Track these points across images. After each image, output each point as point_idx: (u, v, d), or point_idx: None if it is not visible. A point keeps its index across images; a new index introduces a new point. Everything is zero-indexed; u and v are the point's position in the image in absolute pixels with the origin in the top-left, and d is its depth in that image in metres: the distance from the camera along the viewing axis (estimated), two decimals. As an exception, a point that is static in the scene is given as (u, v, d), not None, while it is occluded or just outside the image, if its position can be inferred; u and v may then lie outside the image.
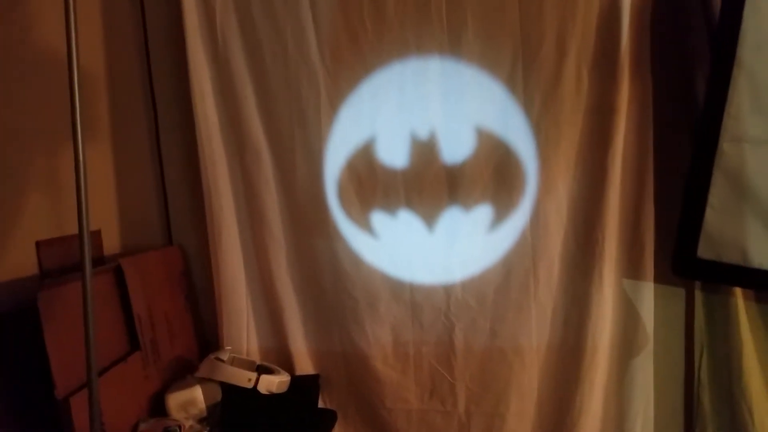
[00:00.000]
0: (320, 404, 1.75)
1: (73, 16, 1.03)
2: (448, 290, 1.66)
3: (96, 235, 1.60)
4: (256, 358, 1.73)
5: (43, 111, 1.43)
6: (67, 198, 1.08)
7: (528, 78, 1.57)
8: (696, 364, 1.60)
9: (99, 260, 1.59)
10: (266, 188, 1.69)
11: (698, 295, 1.59)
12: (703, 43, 1.49)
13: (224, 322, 1.72)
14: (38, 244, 1.39)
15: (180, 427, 1.45)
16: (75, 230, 1.08)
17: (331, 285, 1.71)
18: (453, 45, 1.59)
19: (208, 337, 1.83)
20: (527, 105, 1.58)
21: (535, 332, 1.64)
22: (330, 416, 1.69)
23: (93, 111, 1.67)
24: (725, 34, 1.36)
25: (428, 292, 1.67)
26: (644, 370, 1.61)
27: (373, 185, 1.66)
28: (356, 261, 1.68)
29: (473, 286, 1.65)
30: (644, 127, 1.55)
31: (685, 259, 1.48)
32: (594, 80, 1.55)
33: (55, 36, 1.04)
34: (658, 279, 1.59)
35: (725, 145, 1.39)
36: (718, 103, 1.38)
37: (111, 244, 1.69)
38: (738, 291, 1.52)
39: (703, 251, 1.45)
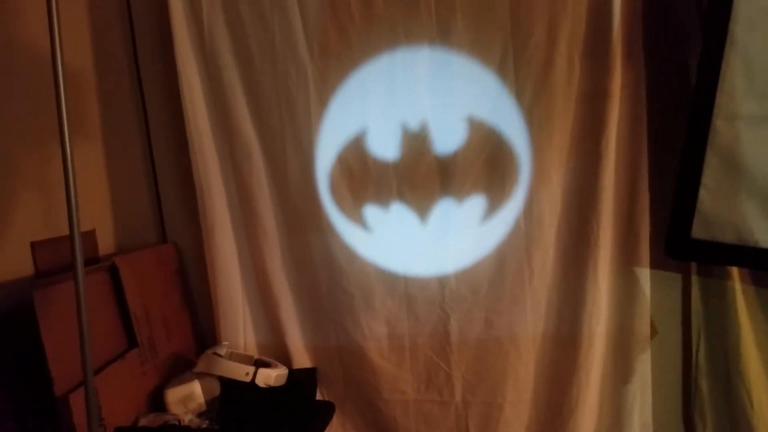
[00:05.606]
0: (318, 397, 1.76)
1: (56, 15, 1.03)
2: (442, 282, 1.66)
3: (90, 235, 1.61)
4: (254, 353, 1.74)
5: (35, 112, 1.43)
6: (61, 198, 1.09)
7: (519, 66, 1.55)
8: (693, 350, 1.60)
9: (94, 260, 1.60)
10: (258, 184, 1.69)
11: (695, 281, 1.58)
12: (695, 24, 1.47)
13: (221, 319, 1.73)
14: (33, 244, 1.41)
15: (179, 421, 1.47)
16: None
17: (326, 280, 1.71)
18: (442, 34, 1.57)
19: (205, 333, 1.84)
20: (519, 94, 1.57)
21: (531, 322, 1.64)
22: (328, 408, 1.70)
23: (83, 111, 1.68)
24: (717, 10, 1.34)
25: (422, 284, 1.67)
26: (641, 357, 1.60)
27: (364, 178, 1.65)
28: (350, 255, 1.68)
29: (467, 277, 1.65)
30: (638, 112, 1.53)
31: (679, 240, 1.47)
32: (586, 67, 1.53)
33: (44, 36, 1.05)
34: (654, 265, 1.58)
35: (719, 124, 1.36)
36: (711, 81, 1.35)
37: (106, 243, 1.70)
38: (735, 275, 1.51)
39: (697, 231, 1.43)
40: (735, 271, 1.51)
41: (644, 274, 1.58)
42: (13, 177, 1.41)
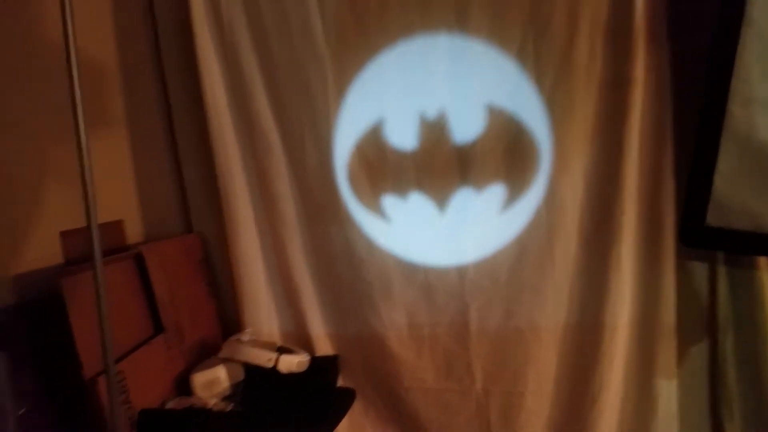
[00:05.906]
0: (339, 384, 1.78)
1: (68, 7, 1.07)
2: (461, 271, 1.66)
3: (119, 225, 1.66)
4: (277, 341, 1.77)
5: (65, 104, 1.48)
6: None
7: (539, 52, 1.53)
8: (720, 339, 1.56)
9: (122, 249, 1.64)
10: (278, 176, 1.72)
11: (721, 270, 1.53)
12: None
13: (244, 307, 1.77)
14: (62, 234, 1.45)
15: (204, 405, 1.51)
16: (98, 220, 1.13)
17: (345, 269, 1.72)
18: (460, 20, 1.55)
19: (230, 321, 1.87)
20: (539, 80, 1.54)
21: (552, 311, 1.62)
22: (349, 395, 1.72)
23: (109, 104, 1.71)
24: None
25: (441, 273, 1.67)
26: (666, 348, 1.57)
27: (383, 168, 1.66)
28: (369, 245, 1.69)
29: (486, 266, 1.64)
30: (662, 98, 1.49)
31: (693, 228, 1.43)
32: (608, 51, 1.49)
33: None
34: (680, 254, 1.54)
35: (734, 108, 1.32)
36: (727, 64, 1.31)
37: (135, 233, 1.74)
38: (763, 264, 1.47)
39: (713, 219, 1.39)
40: (763, 260, 1.46)
41: (669, 263, 1.54)
42: (45, 169, 1.45)
